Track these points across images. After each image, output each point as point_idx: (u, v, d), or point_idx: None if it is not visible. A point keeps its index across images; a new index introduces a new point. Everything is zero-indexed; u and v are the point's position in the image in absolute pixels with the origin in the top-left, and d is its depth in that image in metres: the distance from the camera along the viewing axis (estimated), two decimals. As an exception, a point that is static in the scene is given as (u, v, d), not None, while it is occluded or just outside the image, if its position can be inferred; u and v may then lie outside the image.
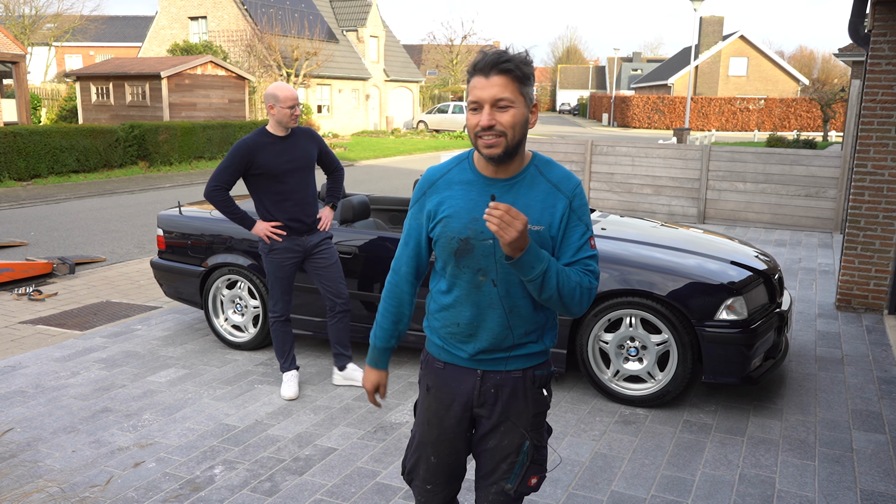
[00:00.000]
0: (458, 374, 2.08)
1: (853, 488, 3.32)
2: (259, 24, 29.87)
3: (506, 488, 2.10)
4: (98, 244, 9.30)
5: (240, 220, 4.14)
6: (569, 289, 1.89)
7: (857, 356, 5.02)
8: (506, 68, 1.82)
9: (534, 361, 2.07)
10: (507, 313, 1.98)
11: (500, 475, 2.10)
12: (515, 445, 2.08)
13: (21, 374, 4.72)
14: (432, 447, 2.16)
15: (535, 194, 1.94)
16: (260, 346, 5.15)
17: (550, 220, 1.93)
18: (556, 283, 1.86)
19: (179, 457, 3.61)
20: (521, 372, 2.05)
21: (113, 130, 17.23)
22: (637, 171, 11.04)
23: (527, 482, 2.11)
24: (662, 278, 4.03)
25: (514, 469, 2.09)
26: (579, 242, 1.95)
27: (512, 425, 2.08)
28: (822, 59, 74.95)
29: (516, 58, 1.84)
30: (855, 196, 6.04)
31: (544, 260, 1.83)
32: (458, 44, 56.29)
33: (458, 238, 1.94)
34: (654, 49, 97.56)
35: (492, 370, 2.05)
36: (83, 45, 48.68)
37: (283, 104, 4.05)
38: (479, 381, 2.06)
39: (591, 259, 1.96)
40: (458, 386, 2.09)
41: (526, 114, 1.88)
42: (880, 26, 5.73)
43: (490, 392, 2.06)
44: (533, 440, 2.09)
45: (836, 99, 30.42)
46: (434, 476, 2.20)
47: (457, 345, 2.06)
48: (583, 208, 1.96)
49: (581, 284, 1.91)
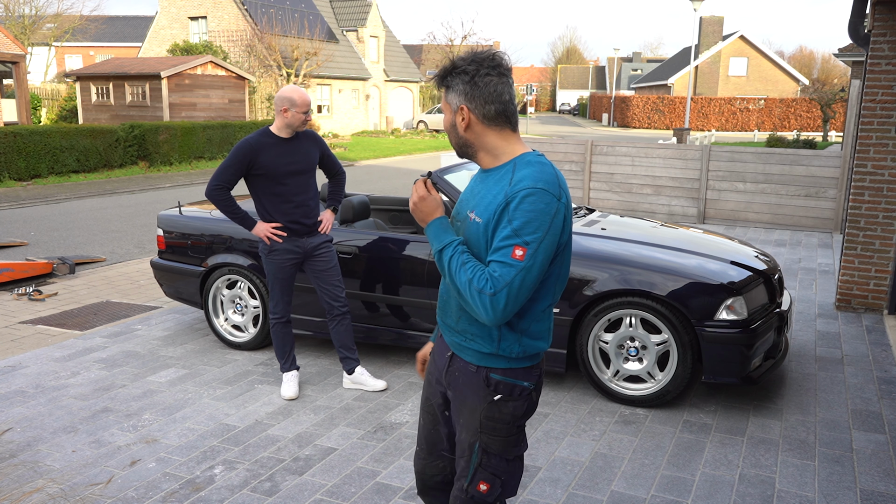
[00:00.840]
0: (441, 349, 2.17)
1: (853, 488, 3.32)
2: (259, 24, 29.87)
3: (463, 485, 2.08)
4: (98, 244, 9.30)
5: (241, 221, 4.14)
6: (461, 283, 1.83)
7: (857, 356, 5.02)
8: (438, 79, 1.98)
9: (488, 362, 1.99)
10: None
11: (460, 472, 2.10)
12: (468, 444, 2.05)
13: (21, 374, 4.73)
14: (421, 408, 2.28)
15: (493, 189, 1.91)
16: (260, 346, 5.15)
17: (488, 216, 1.88)
18: (448, 271, 1.88)
19: (179, 457, 3.61)
20: (476, 367, 2.01)
21: (113, 130, 17.23)
22: (637, 171, 11.05)
23: (477, 486, 2.05)
24: (662, 278, 4.03)
25: (469, 468, 2.06)
26: (499, 244, 1.82)
27: (465, 421, 2.05)
28: (822, 59, 74.96)
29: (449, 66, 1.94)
30: (855, 196, 6.04)
31: (443, 241, 1.90)
32: (458, 44, 56.28)
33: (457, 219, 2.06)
34: (654, 49, 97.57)
35: (457, 353, 2.06)
36: (83, 45, 48.68)
37: (299, 108, 4.07)
38: (448, 361, 2.10)
39: (500, 265, 1.80)
40: (439, 360, 2.17)
41: (451, 119, 1.98)
42: (880, 26, 5.73)
43: (454, 377, 2.07)
44: (484, 444, 2.02)
45: (836, 99, 30.42)
46: (420, 438, 2.29)
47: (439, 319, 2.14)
48: (518, 212, 1.81)
49: (472, 283, 1.82)
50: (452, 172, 4.82)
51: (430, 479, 2.30)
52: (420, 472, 2.31)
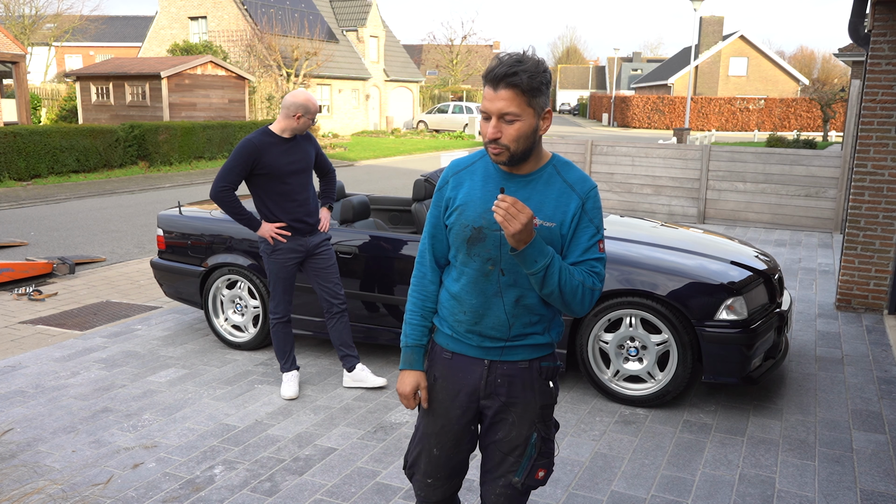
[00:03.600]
0: (465, 364, 2.11)
1: (853, 488, 3.32)
2: (259, 24, 29.86)
3: (513, 481, 2.11)
4: (98, 244, 9.30)
5: (246, 222, 4.15)
6: (570, 287, 1.93)
7: (857, 356, 5.02)
8: (513, 82, 1.85)
9: (539, 353, 2.10)
10: (512, 302, 2.03)
11: (507, 468, 2.11)
12: (524, 437, 2.10)
13: (21, 374, 4.73)
14: (435, 438, 2.18)
15: (550, 192, 2.00)
16: (260, 346, 5.15)
17: (562, 217, 1.98)
18: (557, 280, 1.91)
19: (179, 457, 3.61)
20: (528, 363, 2.08)
21: (113, 130, 17.23)
22: (637, 171, 11.04)
23: (534, 475, 2.12)
24: (662, 278, 4.03)
25: (521, 462, 2.10)
26: (588, 244, 1.99)
27: (520, 417, 2.09)
28: (822, 59, 74.95)
29: (528, 69, 1.85)
30: (855, 196, 6.04)
31: (548, 255, 1.88)
32: (458, 44, 56.28)
33: (472, 226, 2.01)
34: (654, 49, 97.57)
35: (498, 360, 2.08)
36: (83, 45, 48.68)
37: (311, 115, 4.15)
38: (486, 372, 2.09)
39: (597, 261, 2.00)
40: (465, 376, 2.11)
41: (534, 124, 1.91)
42: (880, 26, 5.73)
43: (497, 383, 2.09)
44: (541, 432, 2.11)
45: (836, 99, 30.42)
46: (435, 469, 2.20)
47: (464, 334, 2.09)
48: (595, 211, 2.00)
49: (584, 284, 1.95)
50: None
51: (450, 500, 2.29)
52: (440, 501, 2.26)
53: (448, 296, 2.11)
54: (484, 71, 1.93)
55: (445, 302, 2.13)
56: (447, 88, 46.96)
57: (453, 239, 2.07)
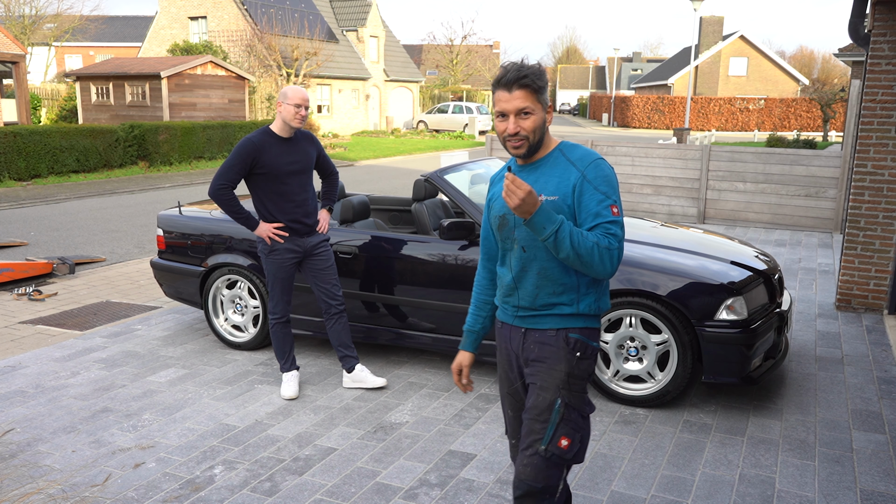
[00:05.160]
0: (508, 331, 2.39)
1: (853, 488, 3.32)
2: (259, 24, 29.86)
3: (539, 450, 2.22)
4: (98, 244, 9.30)
5: (244, 221, 4.15)
6: (585, 249, 2.10)
7: (857, 356, 5.02)
8: (525, 83, 2.16)
9: (567, 323, 2.27)
10: (535, 274, 2.26)
11: (534, 437, 2.24)
12: (548, 402, 2.24)
13: (21, 374, 4.73)
14: (507, 400, 2.47)
15: (554, 171, 2.26)
16: (260, 346, 5.15)
17: (564, 191, 2.21)
18: (569, 243, 2.09)
19: (179, 457, 3.61)
20: (555, 332, 2.28)
21: (113, 130, 17.23)
22: (637, 171, 11.04)
23: (557, 442, 2.21)
24: (662, 278, 4.03)
25: (546, 429, 2.23)
26: (597, 208, 2.17)
27: (545, 381, 2.26)
28: (822, 59, 74.94)
29: (533, 72, 2.18)
30: (855, 196, 6.04)
31: (556, 222, 2.08)
32: (458, 44, 56.27)
33: (497, 216, 2.32)
34: (654, 49, 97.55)
35: (532, 328, 2.31)
36: (83, 45, 48.67)
37: (289, 101, 4.07)
38: (522, 338, 2.33)
39: (611, 224, 2.15)
40: (509, 342, 2.39)
41: (543, 116, 2.22)
42: (880, 26, 5.73)
43: (530, 349, 2.31)
44: (566, 399, 2.24)
45: (836, 99, 30.41)
46: (514, 430, 2.46)
47: (505, 305, 2.37)
48: (599, 179, 2.19)
49: (598, 244, 2.11)
50: (452, 172, 4.82)
51: None
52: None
53: (498, 275, 2.40)
54: (495, 79, 2.22)
55: (498, 280, 2.41)
56: (447, 88, 46.94)
57: (493, 230, 2.38)
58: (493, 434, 3.85)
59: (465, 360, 2.52)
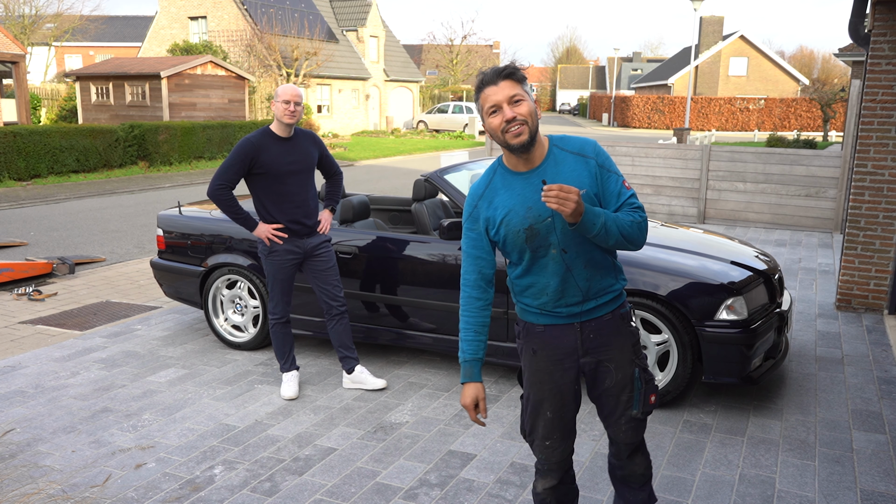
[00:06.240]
0: (558, 331, 2.39)
1: (853, 488, 3.32)
2: (259, 24, 29.86)
3: (633, 414, 2.44)
4: (98, 244, 9.30)
5: (242, 221, 4.14)
6: (628, 228, 2.23)
7: (857, 356, 5.02)
8: (508, 73, 2.21)
9: (616, 303, 2.41)
10: (582, 268, 2.32)
11: (623, 406, 2.43)
12: (629, 376, 2.41)
13: (21, 374, 4.72)
14: (548, 403, 2.43)
15: (563, 168, 2.29)
16: (260, 346, 5.15)
17: (587, 181, 2.28)
18: (616, 229, 2.20)
19: (179, 457, 3.61)
20: (610, 314, 2.39)
21: (113, 130, 17.23)
22: (637, 171, 11.04)
23: (647, 401, 2.45)
24: (663, 278, 4.03)
25: (634, 396, 2.42)
26: (616, 189, 2.29)
27: (619, 361, 2.40)
28: (822, 59, 74.91)
29: (511, 66, 2.25)
30: (855, 196, 6.04)
31: (600, 214, 2.17)
32: (458, 44, 56.26)
33: (523, 229, 2.28)
34: (654, 49, 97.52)
35: (587, 320, 2.38)
36: (83, 45, 48.67)
37: (279, 97, 4.07)
38: (578, 333, 2.38)
39: (632, 198, 2.29)
40: (562, 342, 2.39)
41: (532, 105, 2.24)
42: (880, 26, 5.73)
43: (590, 339, 2.38)
44: (639, 365, 2.43)
45: (836, 99, 30.41)
46: (552, 431, 2.46)
47: (552, 308, 2.36)
48: (607, 161, 2.31)
49: (634, 221, 2.25)
50: (452, 172, 4.82)
51: (567, 462, 2.53)
52: (560, 462, 2.50)
53: (524, 286, 2.37)
54: (476, 85, 2.26)
55: (523, 293, 2.39)
56: (447, 88, 46.95)
57: (511, 247, 2.32)
58: (493, 434, 3.85)
59: (481, 393, 2.38)
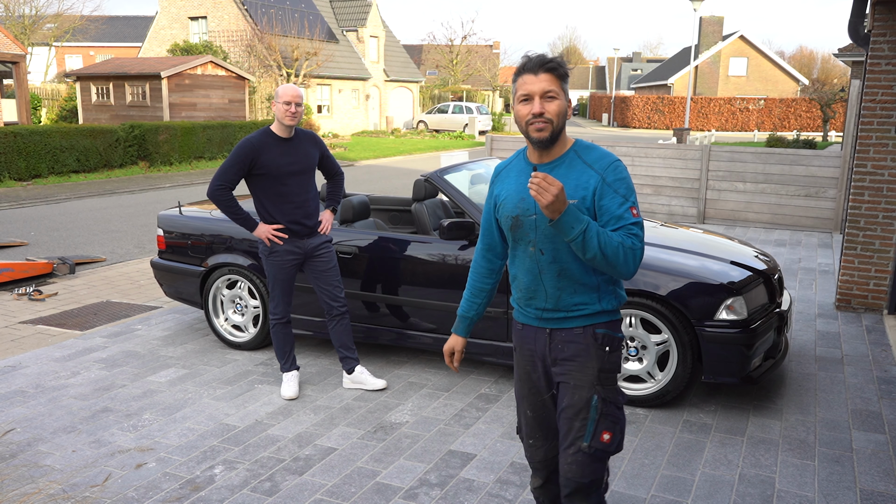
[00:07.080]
0: (531, 333, 2.37)
1: (853, 488, 3.32)
2: (259, 24, 29.86)
3: (582, 447, 2.26)
4: (98, 244, 9.30)
5: (242, 222, 4.14)
6: (611, 249, 2.11)
7: (856, 356, 5.02)
8: (551, 67, 2.17)
9: (593, 320, 2.29)
10: (555, 276, 2.25)
11: (575, 434, 2.27)
12: (585, 400, 2.26)
13: (21, 374, 4.73)
14: (526, 401, 2.44)
15: (571, 174, 2.23)
16: (260, 346, 5.15)
17: (584, 194, 2.20)
18: (597, 243, 2.09)
19: (179, 457, 3.61)
20: (582, 329, 2.28)
21: (113, 130, 17.23)
22: (637, 171, 11.04)
23: (599, 437, 2.26)
24: (663, 278, 4.03)
25: (586, 426, 2.25)
26: (618, 211, 2.17)
27: (579, 380, 2.27)
28: (822, 59, 74.87)
29: (559, 59, 2.21)
30: (855, 196, 6.04)
31: (583, 221, 2.09)
32: (458, 44, 56.24)
33: (511, 216, 2.28)
34: (654, 49, 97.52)
35: (557, 328, 2.31)
36: (83, 45, 48.66)
37: (280, 98, 4.07)
38: (548, 339, 2.33)
39: (633, 225, 2.17)
40: (533, 344, 2.37)
41: (565, 105, 2.21)
42: (880, 26, 5.73)
43: (559, 349, 2.31)
44: (601, 395, 2.26)
45: (836, 99, 30.41)
46: (532, 430, 2.45)
47: (526, 308, 2.35)
48: (619, 182, 2.19)
49: (623, 244, 2.12)
50: (452, 172, 4.82)
51: (552, 462, 2.48)
52: (543, 461, 2.48)
53: (511, 277, 2.38)
54: (519, 66, 2.21)
55: (512, 282, 2.38)
56: (447, 88, 46.92)
57: (504, 229, 2.33)
58: (493, 434, 3.85)
59: (459, 345, 2.56)
